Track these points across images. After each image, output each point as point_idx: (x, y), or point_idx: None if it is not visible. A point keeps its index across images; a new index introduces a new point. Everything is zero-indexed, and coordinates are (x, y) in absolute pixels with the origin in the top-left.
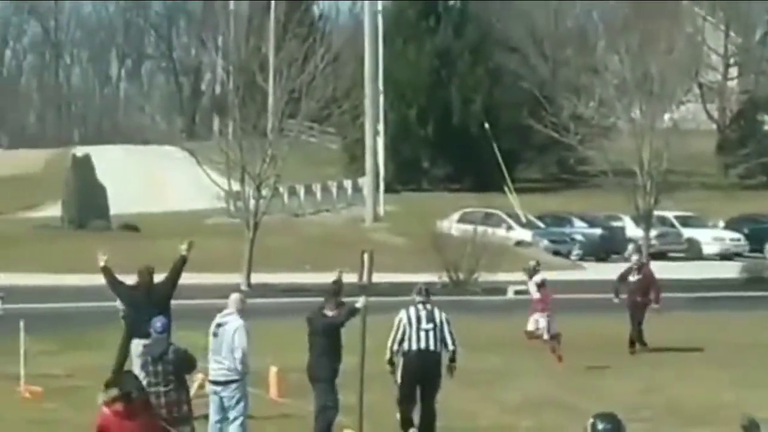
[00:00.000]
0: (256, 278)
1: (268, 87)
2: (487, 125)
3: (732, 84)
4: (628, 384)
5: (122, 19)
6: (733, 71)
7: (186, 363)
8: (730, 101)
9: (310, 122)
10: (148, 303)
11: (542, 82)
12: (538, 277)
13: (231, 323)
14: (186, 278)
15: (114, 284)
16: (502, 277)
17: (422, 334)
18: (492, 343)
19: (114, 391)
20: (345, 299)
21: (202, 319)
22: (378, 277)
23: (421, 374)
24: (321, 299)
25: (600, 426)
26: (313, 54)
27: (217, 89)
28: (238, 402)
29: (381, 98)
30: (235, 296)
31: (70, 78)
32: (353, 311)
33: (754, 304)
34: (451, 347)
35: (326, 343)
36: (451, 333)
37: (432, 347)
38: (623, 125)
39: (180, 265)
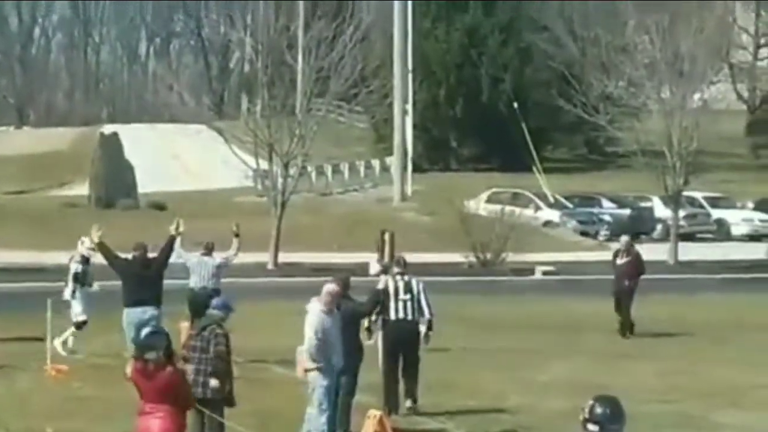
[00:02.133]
0: (283, 257)
1: (297, 66)
2: (516, 105)
3: (762, 64)
4: (655, 366)
5: None
6: (764, 51)
7: (217, 346)
8: (761, 81)
9: (339, 101)
10: (141, 276)
11: (572, 62)
12: None
13: (310, 312)
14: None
15: (110, 258)
16: (529, 257)
17: (400, 304)
18: (520, 324)
19: (135, 351)
20: (365, 279)
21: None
22: (405, 257)
23: (401, 343)
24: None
25: (599, 410)
26: (342, 33)
27: (246, 68)
28: (313, 391)
29: (410, 77)
30: (325, 287)
31: (98, 56)
32: (377, 295)
33: None
34: (427, 316)
35: (352, 331)
36: (427, 302)
37: (410, 317)
38: (653, 105)
39: (170, 244)
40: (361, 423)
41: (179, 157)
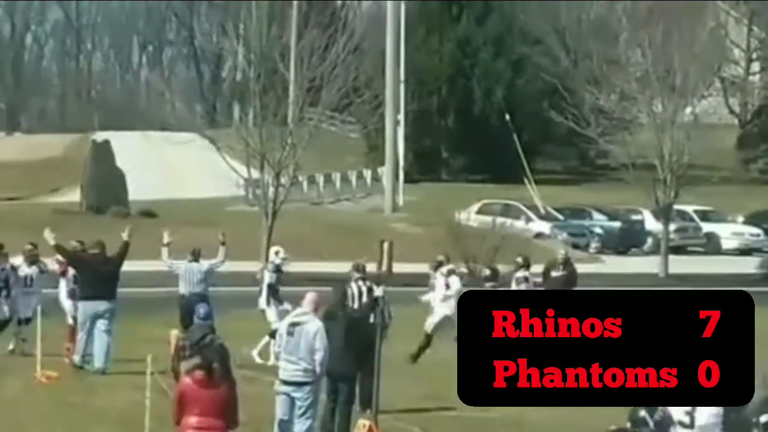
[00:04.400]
0: None
1: (289, 75)
2: (508, 116)
3: (754, 78)
4: None
5: (144, 5)
6: (756, 66)
7: (219, 356)
8: (752, 96)
9: (331, 111)
10: (98, 270)
11: (564, 74)
12: None
13: (310, 324)
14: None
15: (69, 256)
16: None
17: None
18: None
19: (196, 360)
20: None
21: (218, 306)
22: (396, 267)
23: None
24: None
25: None
26: (335, 42)
27: (238, 76)
28: (311, 405)
29: (402, 88)
30: (311, 296)
31: (91, 64)
32: (373, 302)
33: None
34: (387, 320)
35: (348, 339)
36: (387, 307)
37: (371, 320)
38: (645, 119)
39: (124, 248)
40: None
41: (171, 165)
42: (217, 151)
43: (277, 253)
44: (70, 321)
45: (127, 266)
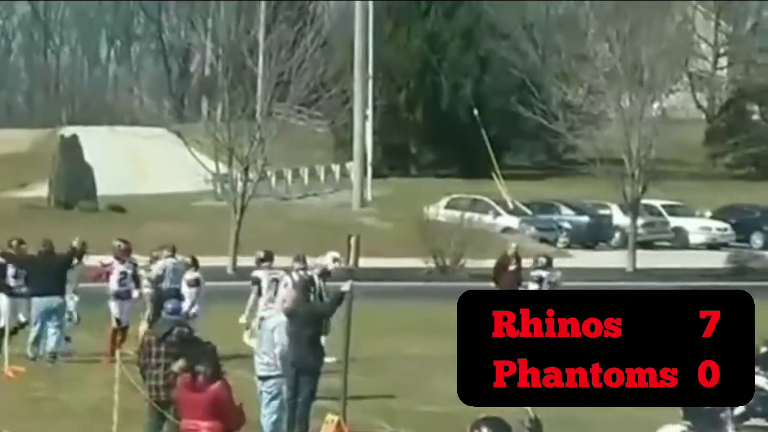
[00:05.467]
0: (243, 261)
1: (258, 70)
2: (476, 111)
3: (721, 73)
4: None
5: None
6: (723, 61)
7: (190, 345)
8: (720, 91)
9: (299, 106)
10: (45, 269)
11: (532, 69)
12: None
13: (272, 319)
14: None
15: (19, 263)
16: (488, 263)
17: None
18: None
19: (182, 363)
20: (331, 284)
21: None
22: (364, 262)
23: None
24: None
25: (483, 429)
26: (303, 37)
27: (206, 71)
28: (273, 398)
29: (370, 83)
30: (282, 292)
31: (59, 58)
32: (339, 297)
33: None
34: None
35: (312, 333)
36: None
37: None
38: (612, 113)
39: (71, 254)
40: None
41: (139, 160)
42: (185, 146)
43: (335, 260)
44: (114, 324)
45: (98, 261)
